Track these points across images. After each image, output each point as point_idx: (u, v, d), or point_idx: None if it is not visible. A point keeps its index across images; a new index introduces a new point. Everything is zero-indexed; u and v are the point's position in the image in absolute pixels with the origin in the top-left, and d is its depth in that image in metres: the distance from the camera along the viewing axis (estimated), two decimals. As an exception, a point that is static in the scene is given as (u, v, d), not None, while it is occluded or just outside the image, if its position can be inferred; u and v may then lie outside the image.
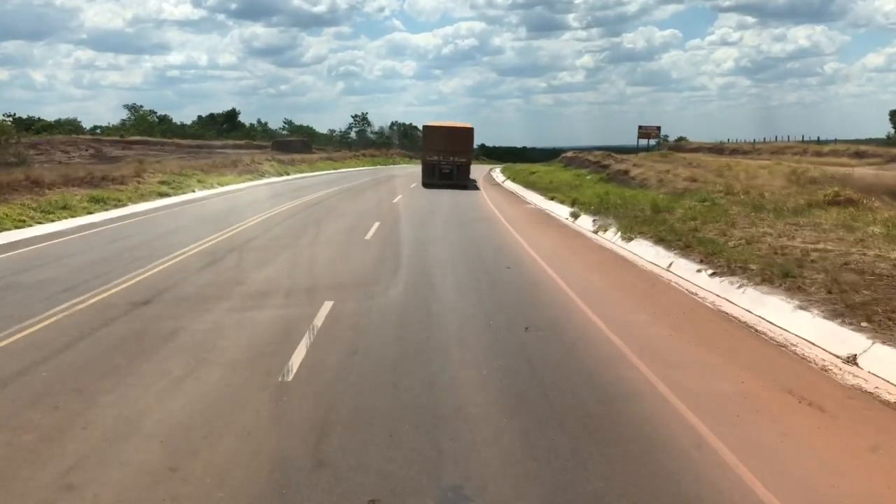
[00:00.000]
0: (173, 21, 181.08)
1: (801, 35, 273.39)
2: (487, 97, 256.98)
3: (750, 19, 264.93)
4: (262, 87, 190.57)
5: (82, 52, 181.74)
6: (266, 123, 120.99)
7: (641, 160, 37.60)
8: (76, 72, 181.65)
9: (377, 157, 68.62)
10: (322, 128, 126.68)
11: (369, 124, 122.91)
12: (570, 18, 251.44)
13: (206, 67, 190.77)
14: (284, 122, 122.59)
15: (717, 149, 65.93)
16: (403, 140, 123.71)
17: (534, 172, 39.77)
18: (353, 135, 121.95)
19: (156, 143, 63.25)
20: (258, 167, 36.09)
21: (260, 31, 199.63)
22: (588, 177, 35.44)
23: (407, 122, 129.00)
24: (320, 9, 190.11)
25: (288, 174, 40.74)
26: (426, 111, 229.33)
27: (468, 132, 35.16)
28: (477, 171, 45.67)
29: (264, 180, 35.30)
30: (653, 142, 54.06)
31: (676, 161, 38.32)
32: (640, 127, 48.33)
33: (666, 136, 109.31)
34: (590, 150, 64.21)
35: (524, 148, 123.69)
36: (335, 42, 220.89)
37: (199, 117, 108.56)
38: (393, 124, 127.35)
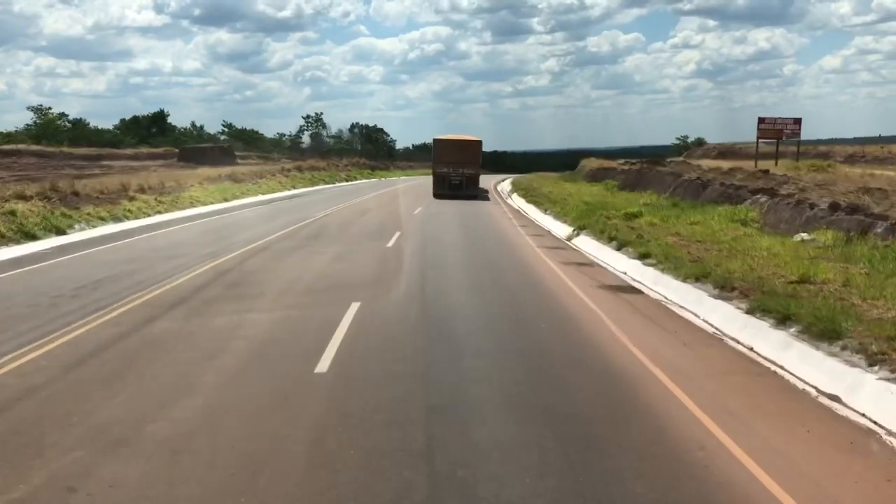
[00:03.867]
0: (136, 28, 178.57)
1: (761, 37, 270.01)
2: (454, 101, 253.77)
3: (711, 22, 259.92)
4: (228, 94, 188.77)
5: (42, 58, 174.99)
6: (202, 127, 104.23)
7: (801, 174, 19.98)
8: (37, 79, 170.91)
9: (323, 171, 50.02)
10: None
11: (324, 127, 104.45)
12: (535, 23, 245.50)
13: (171, 74, 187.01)
14: (224, 126, 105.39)
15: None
16: (367, 145, 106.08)
17: (635, 216, 18.76)
18: (305, 139, 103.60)
19: (33, 153, 48.47)
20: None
21: (224, 37, 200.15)
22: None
23: (371, 124, 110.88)
24: (285, 14, 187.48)
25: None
26: (393, 116, 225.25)
27: (477, 144, 36.29)
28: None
29: None
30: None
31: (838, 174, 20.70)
32: (761, 120, 30.00)
33: (686, 136, 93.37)
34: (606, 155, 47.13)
35: (504, 152, 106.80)
36: (301, 47, 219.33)
37: (122, 121, 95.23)
38: (353, 126, 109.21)
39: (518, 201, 31.52)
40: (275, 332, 8.50)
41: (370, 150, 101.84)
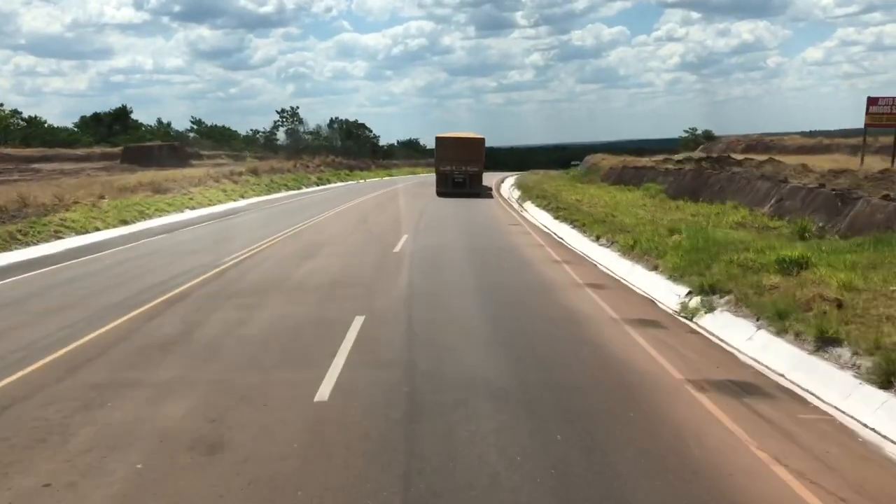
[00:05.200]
0: (115, 25, 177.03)
1: (744, 30, 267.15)
2: (439, 97, 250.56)
3: (695, 15, 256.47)
4: (211, 91, 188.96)
5: (21, 57, 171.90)
6: (169, 124, 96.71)
7: None
8: (17, 78, 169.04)
9: (288, 174, 41.26)
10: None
11: (301, 122, 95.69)
12: (518, 17, 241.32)
13: (153, 71, 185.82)
14: (192, 122, 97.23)
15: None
16: (347, 142, 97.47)
17: (798, 265, 10.18)
18: (280, 136, 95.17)
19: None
20: None
21: (206, 34, 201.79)
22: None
23: (352, 119, 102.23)
24: (267, 10, 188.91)
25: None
26: (378, 112, 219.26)
27: (479, 142, 35.10)
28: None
29: None
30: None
31: None
32: (872, 101, 21.67)
33: (694, 128, 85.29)
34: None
35: (491, 148, 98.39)
36: (284, 43, 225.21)
37: (83, 118, 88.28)
38: (333, 122, 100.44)
39: (538, 215, 23.13)
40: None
41: (351, 147, 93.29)
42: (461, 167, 33.36)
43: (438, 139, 35.32)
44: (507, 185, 44.96)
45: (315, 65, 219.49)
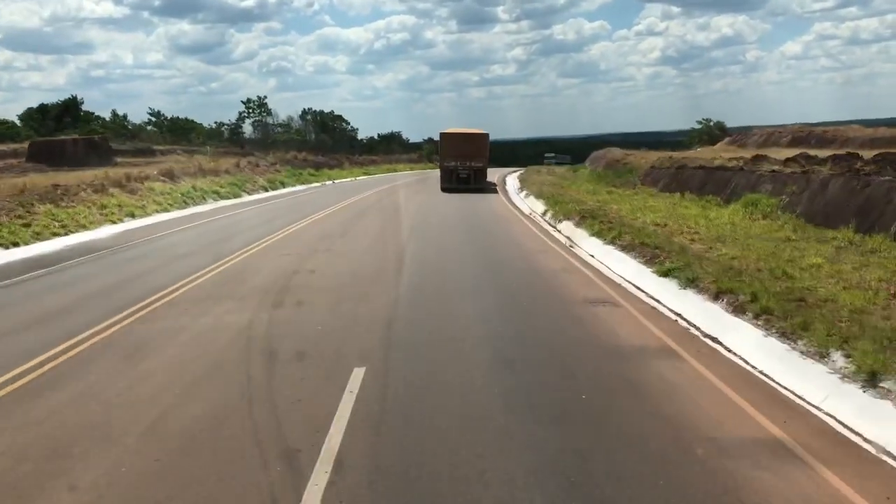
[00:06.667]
0: (95, 19, 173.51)
1: (724, 24, 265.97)
2: (421, 91, 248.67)
3: (675, 9, 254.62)
4: (193, 86, 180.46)
5: None
6: (125, 116, 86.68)
7: None
8: None
9: (221, 179, 31.04)
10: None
11: (269, 113, 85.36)
12: (500, 11, 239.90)
13: (133, 66, 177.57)
14: (150, 114, 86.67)
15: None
16: (321, 136, 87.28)
17: None
18: (246, 129, 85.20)
19: None
20: None
21: (186, 28, 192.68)
22: None
23: (327, 111, 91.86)
24: (248, 4, 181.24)
25: None
26: (361, 106, 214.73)
27: (483, 138, 34.47)
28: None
29: None
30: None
31: None
32: None
33: (709, 119, 75.43)
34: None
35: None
36: (265, 38, 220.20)
37: (28, 109, 76.85)
38: (306, 113, 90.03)
39: (606, 255, 13.08)
40: None
41: (325, 140, 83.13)
42: (466, 162, 32.66)
43: (443, 135, 35.28)
44: (511, 185, 35.14)
45: (297, 59, 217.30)
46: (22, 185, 21.16)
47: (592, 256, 13.41)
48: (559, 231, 17.50)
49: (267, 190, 32.91)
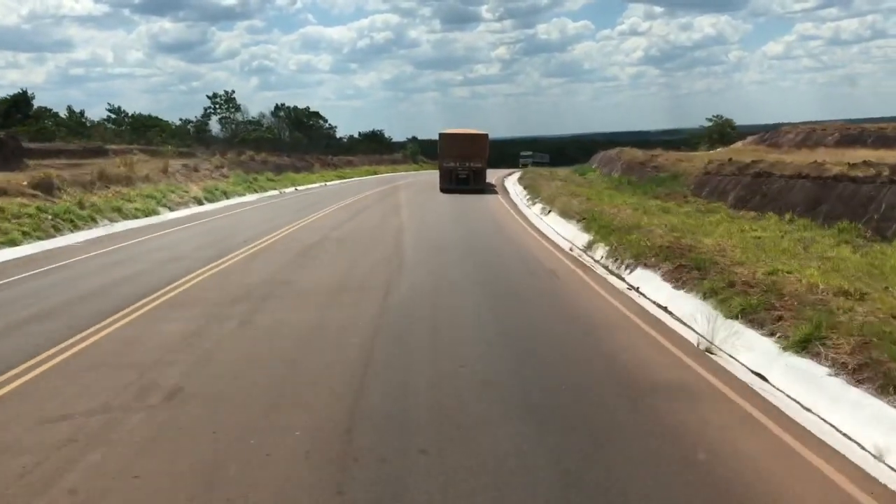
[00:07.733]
0: (74, 17, 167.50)
1: (706, 24, 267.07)
2: (405, 91, 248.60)
3: (657, 9, 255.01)
4: (174, 84, 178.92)
5: None
6: (82, 113, 77.82)
7: None
8: None
9: (142, 189, 23.30)
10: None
11: (238, 109, 77.33)
12: (483, 10, 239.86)
13: (113, 65, 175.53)
14: (109, 110, 77.94)
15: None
16: (296, 133, 79.61)
17: None
18: (212, 126, 77.34)
19: None
20: None
21: (168, 26, 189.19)
22: None
23: (302, 107, 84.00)
24: (230, 2, 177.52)
25: None
26: (344, 105, 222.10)
27: (483, 138, 34.98)
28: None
29: None
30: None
31: None
32: None
33: (720, 115, 68.16)
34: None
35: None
36: (247, 36, 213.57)
37: None
38: (279, 109, 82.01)
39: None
40: None
41: (300, 139, 75.48)
42: (465, 163, 32.92)
43: (442, 135, 35.68)
44: (517, 195, 27.80)
45: (279, 58, 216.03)
46: None
47: (780, 390, 5.91)
48: (642, 294, 9.92)
49: (202, 203, 25.15)
